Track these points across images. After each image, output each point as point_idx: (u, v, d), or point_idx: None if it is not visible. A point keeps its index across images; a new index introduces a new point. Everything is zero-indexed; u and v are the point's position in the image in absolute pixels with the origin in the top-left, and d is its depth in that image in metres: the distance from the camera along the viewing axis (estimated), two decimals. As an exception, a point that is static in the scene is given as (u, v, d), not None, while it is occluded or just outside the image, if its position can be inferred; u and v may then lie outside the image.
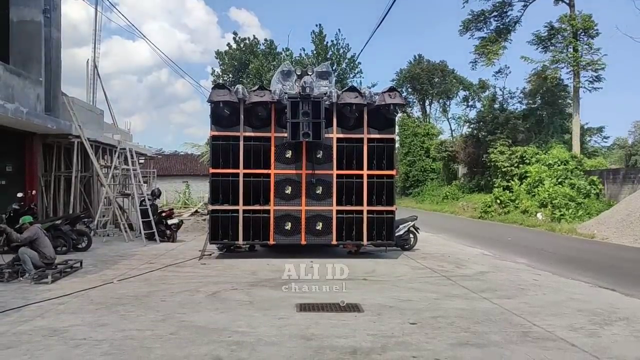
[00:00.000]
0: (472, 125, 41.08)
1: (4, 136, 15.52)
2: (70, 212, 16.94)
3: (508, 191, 29.36)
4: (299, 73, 13.75)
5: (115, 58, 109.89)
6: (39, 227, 10.67)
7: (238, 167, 12.69)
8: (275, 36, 70.36)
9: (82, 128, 17.03)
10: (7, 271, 9.68)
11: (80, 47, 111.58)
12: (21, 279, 9.65)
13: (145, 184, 21.23)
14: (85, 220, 15.47)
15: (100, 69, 27.24)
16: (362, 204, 12.84)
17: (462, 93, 53.84)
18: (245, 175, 12.70)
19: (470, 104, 46.83)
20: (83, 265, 11.08)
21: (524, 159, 31.25)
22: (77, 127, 16.83)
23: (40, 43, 15.82)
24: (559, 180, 26.66)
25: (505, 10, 35.03)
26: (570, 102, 34.38)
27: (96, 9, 25.16)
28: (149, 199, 16.93)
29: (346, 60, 40.28)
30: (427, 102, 58.46)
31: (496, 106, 38.96)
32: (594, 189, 25.64)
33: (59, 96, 17.35)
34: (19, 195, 14.67)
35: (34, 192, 16.20)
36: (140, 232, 16.26)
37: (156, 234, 16.19)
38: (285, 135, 12.52)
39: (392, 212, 13.00)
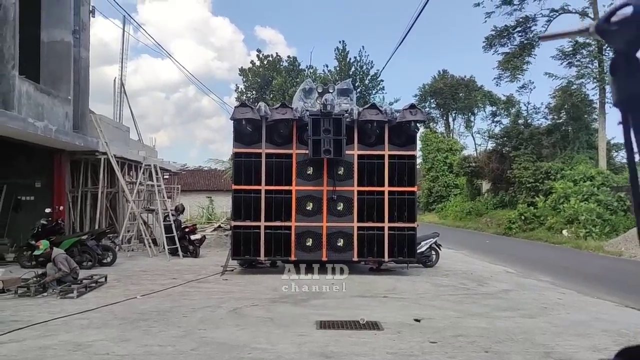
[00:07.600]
0: (496, 141, 40.71)
1: (33, 153, 15.99)
2: (96, 227, 17.26)
3: (533, 207, 28.92)
4: (320, 90, 13.88)
5: (144, 75, 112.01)
6: (61, 251, 10.94)
7: (260, 184, 12.81)
8: (300, 54, 70.86)
9: (109, 145, 17.40)
10: (33, 286, 9.90)
11: (111, 65, 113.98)
12: (45, 294, 9.86)
13: (169, 200, 21.52)
14: (111, 235, 15.80)
15: (129, 86, 27.91)
16: (383, 221, 12.81)
17: (489, 108, 53.19)
18: (267, 191, 12.80)
19: (497, 119, 46.33)
20: (108, 280, 11.28)
21: (549, 174, 30.76)
22: (104, 144, 17.21)
23: (69, 63, 16.28)
24: (585, 196, 26.14)
25: (529, 25, 34.82)
26: (596, 117, 33.84)
27: (123, 30, 25.76)
28: (172, 215, 17.15)
29: (369, 77, 40.34)
30: (450, 117, 58.16)
31: (520, 121, 38.55)
32: (622, 206, 25.07)
33: (87, 114, 17.80)
34: (47, 210, 15.05)
35: (61, 207, 16.56)
36: (164, 248, 16.47)
37: (179, 249, 16.36)
38: (307, 152, 12.61)
39: (414, 228, 12.94)
